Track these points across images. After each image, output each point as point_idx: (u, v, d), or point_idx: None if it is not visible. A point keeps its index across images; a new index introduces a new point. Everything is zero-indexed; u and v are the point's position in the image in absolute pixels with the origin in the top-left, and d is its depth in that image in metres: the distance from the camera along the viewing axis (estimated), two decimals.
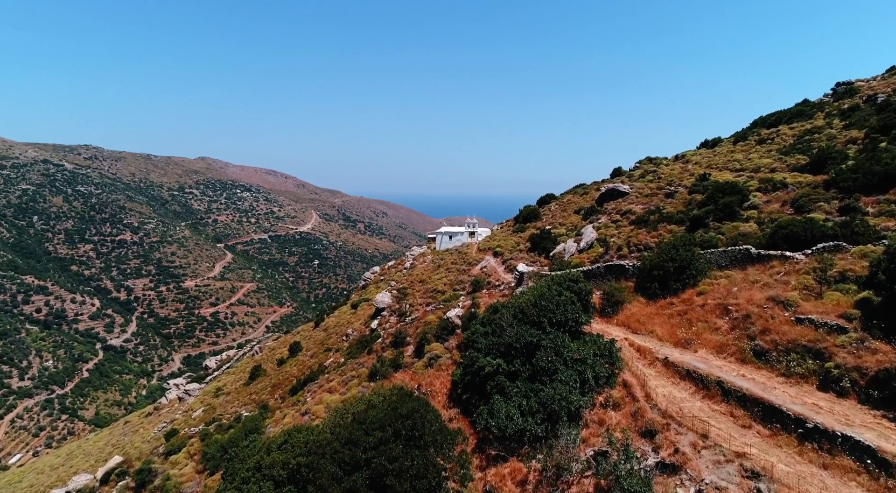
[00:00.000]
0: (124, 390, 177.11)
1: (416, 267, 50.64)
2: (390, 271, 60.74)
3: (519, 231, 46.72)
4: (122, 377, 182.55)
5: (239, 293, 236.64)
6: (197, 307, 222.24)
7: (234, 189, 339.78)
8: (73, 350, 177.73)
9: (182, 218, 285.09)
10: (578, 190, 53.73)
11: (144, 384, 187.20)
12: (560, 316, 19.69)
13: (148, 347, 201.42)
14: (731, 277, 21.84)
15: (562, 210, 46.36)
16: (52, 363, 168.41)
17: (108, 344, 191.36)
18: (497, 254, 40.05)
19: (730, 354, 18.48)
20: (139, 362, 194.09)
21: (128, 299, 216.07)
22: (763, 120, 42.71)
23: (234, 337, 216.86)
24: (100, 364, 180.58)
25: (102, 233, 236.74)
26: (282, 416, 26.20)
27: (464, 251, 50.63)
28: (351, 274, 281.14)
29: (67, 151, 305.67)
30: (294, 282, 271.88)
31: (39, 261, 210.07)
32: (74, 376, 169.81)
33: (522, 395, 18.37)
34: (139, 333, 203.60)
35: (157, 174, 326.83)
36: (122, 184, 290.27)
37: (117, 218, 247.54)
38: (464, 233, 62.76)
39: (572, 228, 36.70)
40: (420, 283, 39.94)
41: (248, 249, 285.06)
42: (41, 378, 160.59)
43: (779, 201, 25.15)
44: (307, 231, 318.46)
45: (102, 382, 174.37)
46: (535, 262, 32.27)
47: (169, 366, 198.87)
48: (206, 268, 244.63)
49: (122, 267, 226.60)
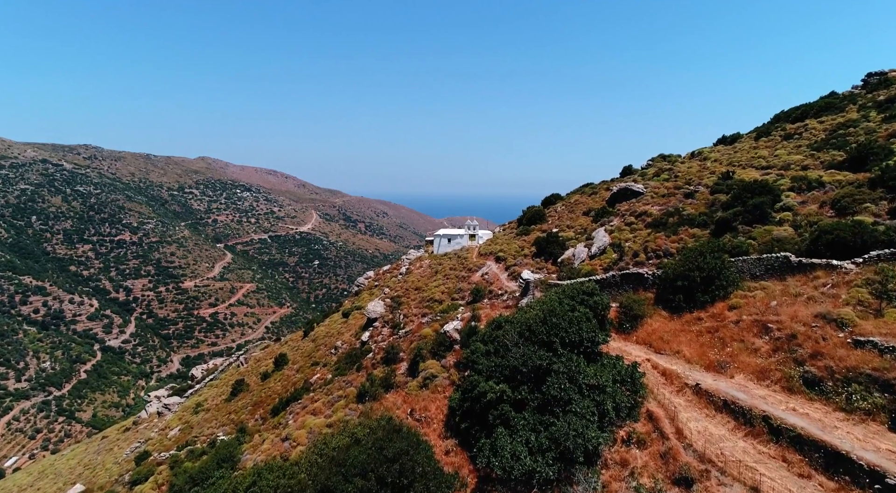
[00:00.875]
0: (122, 391, 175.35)
1: (413, 273, 48.12)
2: (385, 276, 58.08)
3: (523, 234, 44.09)
4: (121, 379, 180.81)
5: (238, 294, 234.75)
6: (196, 308, 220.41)
7: (234, 189, 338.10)
8: (70, 351, 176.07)
9: (182, 218, 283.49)
10: (586, 190, 50.82)
11: (143, 386, 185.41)
12: (574, 335, 17.06)
13: (147, 348, 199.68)
14: (767, 289, 19.16)
15: (569, 211, 43.62)
16: (50, 365, 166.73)
17: (106, 345, 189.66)
18: (500, 259, 37.54)
19: (773, 381, 15.81)
20: (138, 364, 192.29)
21: (126, 299, 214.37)
22: (786, 114, 39.78)
23: (233, 338, 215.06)
24: (98, 365, 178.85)
25: (101, 233, 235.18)
26: (260, 440, 23.73)
27: (463, 256, 48.13)
28: (351, 274, 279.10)
29: (67, 150, 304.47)
30: (294, 282, 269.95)
31: (38, 261, 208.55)
32: (72, 377, 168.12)
33: (530, 428, 15.75)
34: (138, 333, 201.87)
35: (156, 174, 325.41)
36: (121, 184, 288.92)
37: (116, 218, 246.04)
38: (463, 236, 59.57)
39: (581, 231, 34.00)
40: (416, 290, 37.46)
41: (247, 249, 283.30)
42: (38, 380, 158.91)
43: (816, 202, 22.48)
44: (307, 231, 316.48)
45: (100, 383, 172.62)
46: (542, 268, 29.68)
47: (168, 367, 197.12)
48: (206, 268, 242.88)
49: (121, 267, 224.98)
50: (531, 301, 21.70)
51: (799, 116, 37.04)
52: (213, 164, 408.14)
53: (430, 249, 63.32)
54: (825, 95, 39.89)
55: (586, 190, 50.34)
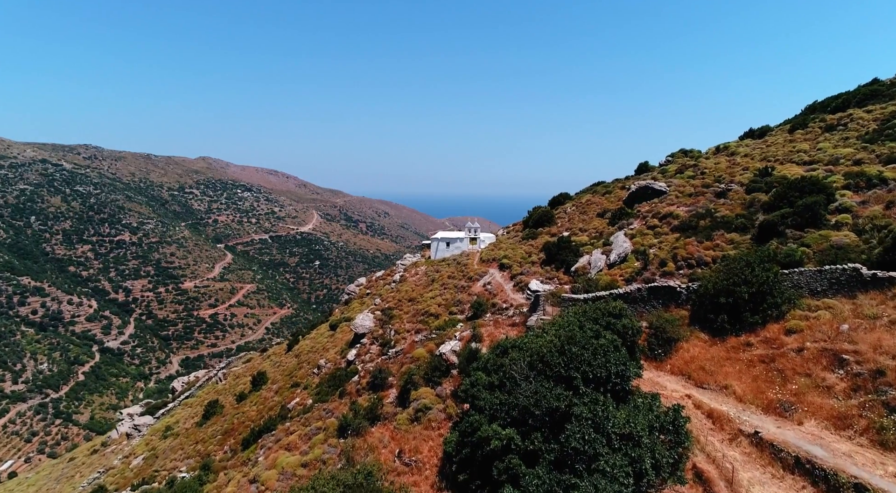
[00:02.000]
0: (121, 393, 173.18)
1: (407, 280, 44.21)
2: (378, 283, 53.86)
3: (529, 238, 40.48)
4: (119, 380, 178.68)
5: (238, 294, 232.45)
6: (196, 309, 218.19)
7: (234, 189, 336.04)
8: (69, 353, 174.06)
9: (182, 218, 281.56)
10: (599, 189, 46.75)
11: (142, 387, 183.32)
12: (599, 369, 13.68)
13: (146, 349, 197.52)
14: (834, 308, 15.69)
15: (580, 213, 40.18)
16: (47, 366, 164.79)
17: (105, 346, 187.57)
18: (504, 267, 33.74)
19: (858, 431, 12.37)
20: (136, 365, 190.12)
21: (126, 300, 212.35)
22: (822, 105, 35.95)
23: (233, 339, 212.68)
24: (96, 367, 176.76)
25: (101, 233, 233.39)
26: (225, 480, 20.58)
27: (463, 262, 43.85)
28: (352, 275, 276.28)
29: (67, 150, 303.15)
30: (295, 283, 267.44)
31: (37, 262, 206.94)
32: (70, 379, 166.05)
33: (546, 490, 12.39)
34: (137, 335, 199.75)
35: (157, 174, 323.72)
36: (121, 184, 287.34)
37: (116, 218, 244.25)
38: (463, 239, 54.29)
39: (597, 235, 30.40)
40: (409, 302, 33.87)
41: (248, 249, 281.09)
42: (35, 382, 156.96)
43: (880, 202, 19.04)
44: (308, 231, 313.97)
45: (98, 385, 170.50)
46: (553, 278, 26.26)
47: (167, 368, 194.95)
48: (206, 269, 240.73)
49: (121, 268, 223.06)
50: (542, 320, 18.32)
51: (840, 105, 33.24)
52: (213, 164, 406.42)
53: (427, 253, 58.47)
54: (866, 82, 36.19)
55: (599, 189, 46.44)
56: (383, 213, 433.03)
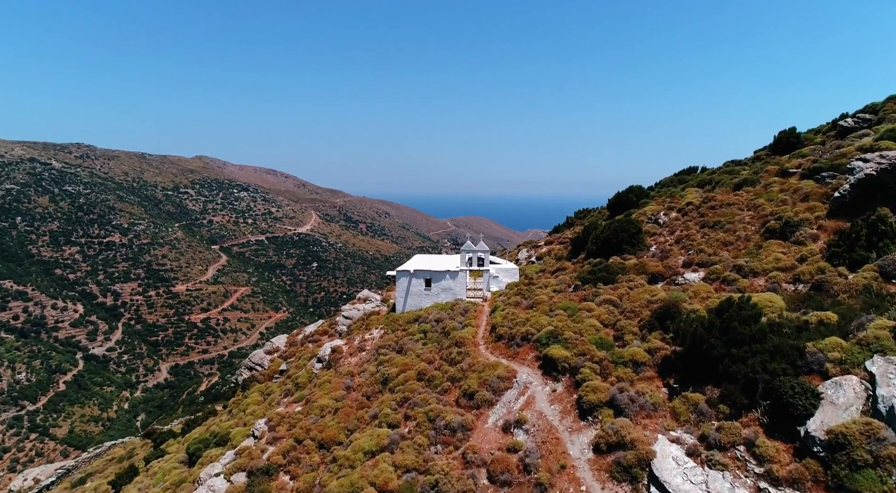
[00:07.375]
0: (104, 404, 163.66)
1: (339, 365, 24.82)
2: (303, 349, 34.65)
3: (599, 277, 21.16)
4: (103, 390, 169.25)
5: (232, 298, 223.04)
6: (187, 313, 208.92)
7: (230, 189, 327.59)
8: (50, 361, 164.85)
9: (176, 219, 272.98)
10: (724, 178, 26.93)
11: (127, 397, 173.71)
12: None
13: (133, 356, 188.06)
14: None
15: (699, 226, 22.44)
16: (25, 376, 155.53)
17: (89, 353, 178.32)
18: (554, 366, 15.75)
19: None
20: (122, 373, 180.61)
21: (114, 304, 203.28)
22: None
23: (225, 345, 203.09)
24: (79, 376, 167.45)
25: (90, 234, 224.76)
26: None
27: (456, 327, 23.73)
28: (351, 277, 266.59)
29: (58, 149, 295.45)
30: (291, 285, 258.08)
31: (21, 264, 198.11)
32: (49, 389, 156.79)
33: None
34: (124, 340, 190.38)
35: (151, 174, 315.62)
36: (113, 183, 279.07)
37: (106, 219, 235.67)
38: (457, 273, 29.88)
39: (792, 277, 13.63)
40: (318, 450, 16.16)
41: (244, 250, 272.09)
42: (10, 393, 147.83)
43: None
44: (306, 232, 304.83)
45: (80, 395, 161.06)
46: (735, 458, 10.25)
47: (155, 376, 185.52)
48: (199, 271, 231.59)
49: (110, 270, 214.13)
50: None
51: None
52: (210, 163, 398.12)
53: (393, 294, 34.50)
54: None
55: (724, 178, 25.56)
56: (384, 213, 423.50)
